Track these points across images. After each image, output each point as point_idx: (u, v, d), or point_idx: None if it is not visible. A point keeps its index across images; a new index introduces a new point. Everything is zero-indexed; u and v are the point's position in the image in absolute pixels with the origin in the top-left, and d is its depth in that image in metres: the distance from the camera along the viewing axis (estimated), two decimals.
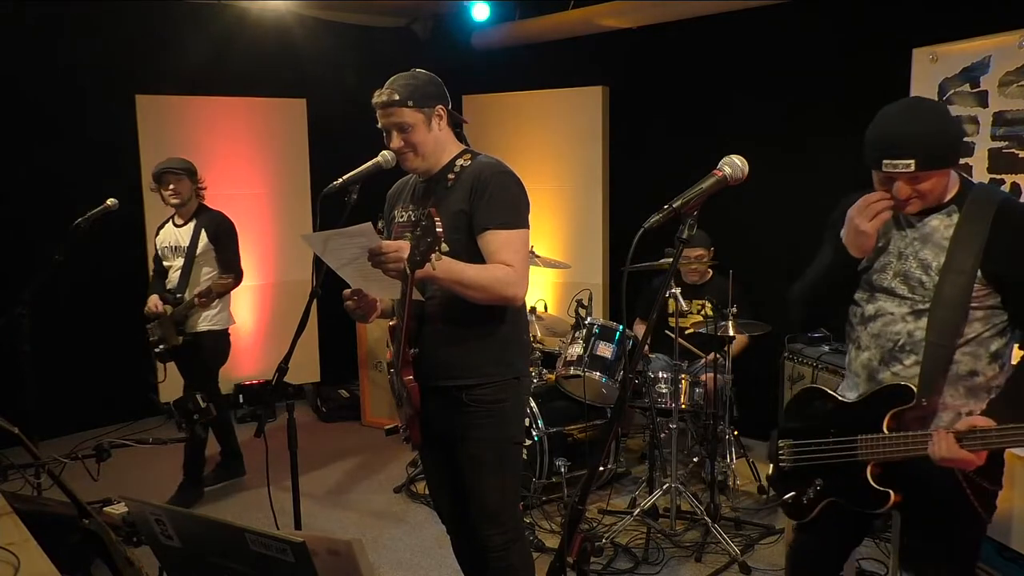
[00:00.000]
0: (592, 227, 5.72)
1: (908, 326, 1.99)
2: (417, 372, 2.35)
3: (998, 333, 1.98)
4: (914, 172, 1.86)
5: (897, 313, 2.01)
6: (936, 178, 1.90)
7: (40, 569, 1.71)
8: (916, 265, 1.98)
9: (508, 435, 2.46)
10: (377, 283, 2.27)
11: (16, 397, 3.78)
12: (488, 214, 2.28)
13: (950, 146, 1.90)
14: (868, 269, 2.07)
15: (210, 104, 5.67)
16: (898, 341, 2.01)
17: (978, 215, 1.92)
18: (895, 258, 2.02)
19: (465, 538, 2.62)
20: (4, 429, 2.21)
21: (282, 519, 2.55)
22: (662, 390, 4.04)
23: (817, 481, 2.12)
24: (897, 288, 2.01)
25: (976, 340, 1.96)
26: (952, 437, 1.86)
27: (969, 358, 1.97)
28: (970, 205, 1.94)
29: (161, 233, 4.31)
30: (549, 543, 3.64)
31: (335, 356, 6.12)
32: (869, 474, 2.00)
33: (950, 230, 1.94)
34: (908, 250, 2.00)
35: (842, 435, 2.07)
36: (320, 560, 1.22)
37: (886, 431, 1.99)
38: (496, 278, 2.26)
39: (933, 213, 1.97)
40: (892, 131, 1.88)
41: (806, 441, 2.16)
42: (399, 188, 2.60)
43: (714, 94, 5.09)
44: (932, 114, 1.92)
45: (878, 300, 2.06)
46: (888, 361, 2.03)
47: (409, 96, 2.30)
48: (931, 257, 1.96)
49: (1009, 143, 3.11)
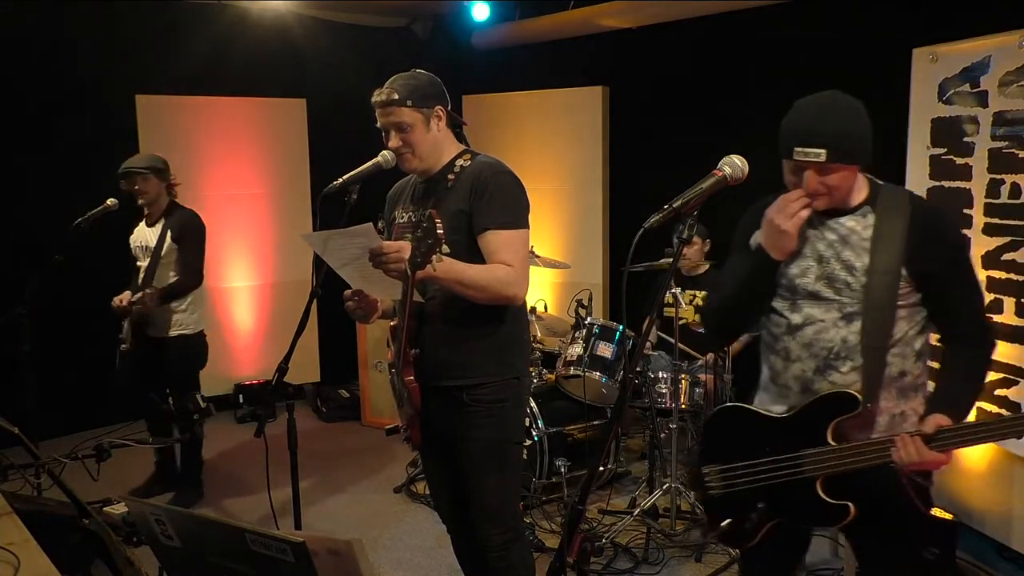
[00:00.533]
0: (592, 227, 5.72)
1: (841, 332, 1.95)
2: (418, 372, 2.35)
3: (920, 331, 1.98)
4: (824, 163, 1.85)
5: (828, 320, 1.96)
6: (844, 173, 1.88)
7: (40, 569, 1.71)
8: (840, 267, 1.95)
9: (508, 435, 2.46)
10: (378, 284, 2.27)
11: (16, 397, 3.79)
12: (488, 214, 2.28)
13: (860, 143, 1.89)
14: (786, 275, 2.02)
15: (210, 104, 5.67)
16: (832, 348, 1.96)
17: (894, 215, 1.92)
18: (815, 261, 1.98)
19: (465, 538, 2.62)
20: (4, 429, 2.21)
21: (282, 519, 2.55)
22: (662, 390, 4.04)
23: (759, 504, 2.02)
24: (822, 291, 1.97)
25: (903, 340, 1.95)
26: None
27: (899, 359, 1.96)
28: (884, 205, 1.94)
29: (135, 232, 4.19)
30: (549, 543, 3.64)
31: (335, 356, 6.12)
32: (820, 489, 1.94)
33: (868, 231, 1.93)
34: (828, 252, 1.97)
35: (781, 452, 1.99)
36: (320, 560, 1.22)
37: (832, 442, 1.93)
38: (496, 278, 2.26)
39: (847, 215, 1.96)
40: (807, 121, 1.88)
41: (737, 464, 2.06)
42: (399, 189, 2.60)
43: (714, 94, 5.09)
44: (847, 109, 1.90)
45: (803, 308, 2.00)
46: (824, 370, 1.98)
47: (408, 96, 2.30)
48: (854, 258, 1.93)
49: (1009, 143, 3.11)
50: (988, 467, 3.31)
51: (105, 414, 5.24)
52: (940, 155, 3.39)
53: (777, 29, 4.72)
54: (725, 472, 2.09)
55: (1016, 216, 3.09)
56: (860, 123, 1.90)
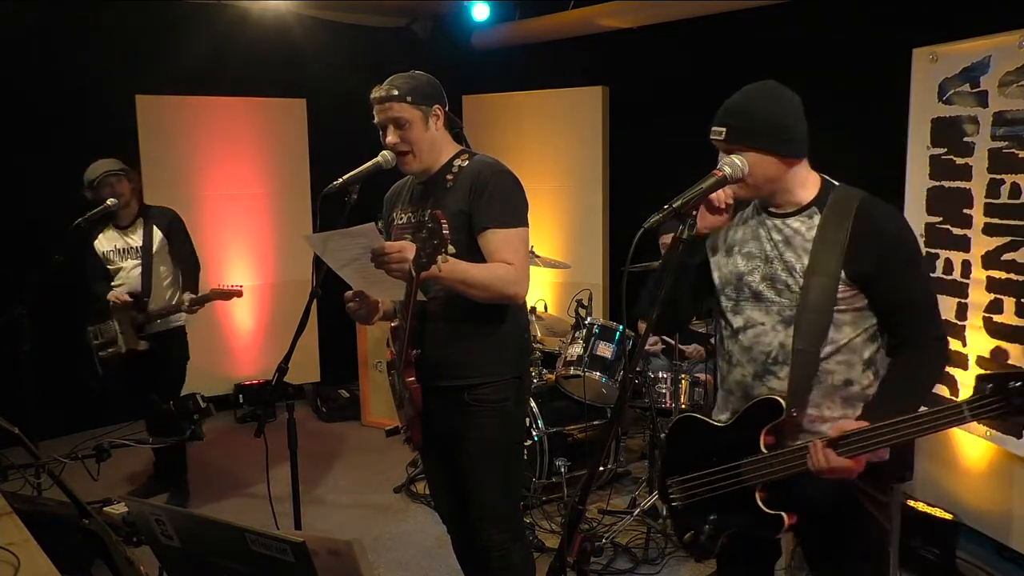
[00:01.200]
0: (592, 227, 5.72)
1: (779, 336, 1.91)
2: (419, 372, 2.35)
3: (869, 338, 1.92)
4: (724, 141, 1.87)
5: (767, 323, 1.94)
6: (752, 159, 1.85)
7: (40, 569, 1.71)
8: (781, 268, 1.92)
9: (509, 435, 2.46)
10: (379, 284, 2.27)
11: (16, 397, 3.78)
12: (488, 213, 2.29)
13: (768, 128, 1.85)
14: (735, 272, 2.00)
15: (210, 104, 5.67)
16: (770, 353, 1.93)
17: (839, 215, 1.87)
18: (762, 262, 1.96)
19: (466, 538, 2.62)
20: (4, 429, 2.21)
21: (282, 519, 2.55)
22: (662, 390, 4.04)
23: (711, 516, 1.98)
24: (765, 292, 1.94)
25: (848, 347, 1.89)
26: (827, 445, 1.77)
27: (843, 367, 1.90)
28: (831, 206, 1.89)
29: (100, 239, 4.10)
30: (549, 543, 3.64)
31: (335, 356, 6.12)
32: (758, 499, 1.89)
33: (812, 232, 1.89)
34: (773, 252, 1.94)
35: (725, 461, 1.95)
36: (320, 560, 1.22)
37: (764, 450, 1.89)
38: (498, 277, 2.26)
39: (794, 215, 1.93)
40: (725, 104, 1.93)
41: (692, 475, 2.03)
42: (397, 190, 2.60)
43: (714, 94, 5.05)
44: (768, 96, 1.90)
45: (745, 310, 1.98)
46: (762, 375, 1.95)
47: (408, 92, 2.31)
48: (794, 259, 1.90)
49: (1009, 143, 3.10)
50: (988, 467, 3.31)
51: (105, 414, 5.25)
52: (940, 155, 3.39)
53: (777, 29, 4.71)
54: (683, 483, 2.06)
55: (1016, 216, 3.09)
56: (777, 110, 1.88)
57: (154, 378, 4.13)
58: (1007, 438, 3.15)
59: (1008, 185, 3.12)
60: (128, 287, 4.04)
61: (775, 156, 1.87)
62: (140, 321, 4.00)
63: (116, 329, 4.03)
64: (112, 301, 4.00)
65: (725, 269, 2.03)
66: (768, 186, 1.91)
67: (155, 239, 4.06)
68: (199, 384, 4.76)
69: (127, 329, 4.01)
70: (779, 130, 1.88)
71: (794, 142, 1.89)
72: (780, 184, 1.91)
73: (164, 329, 4.09)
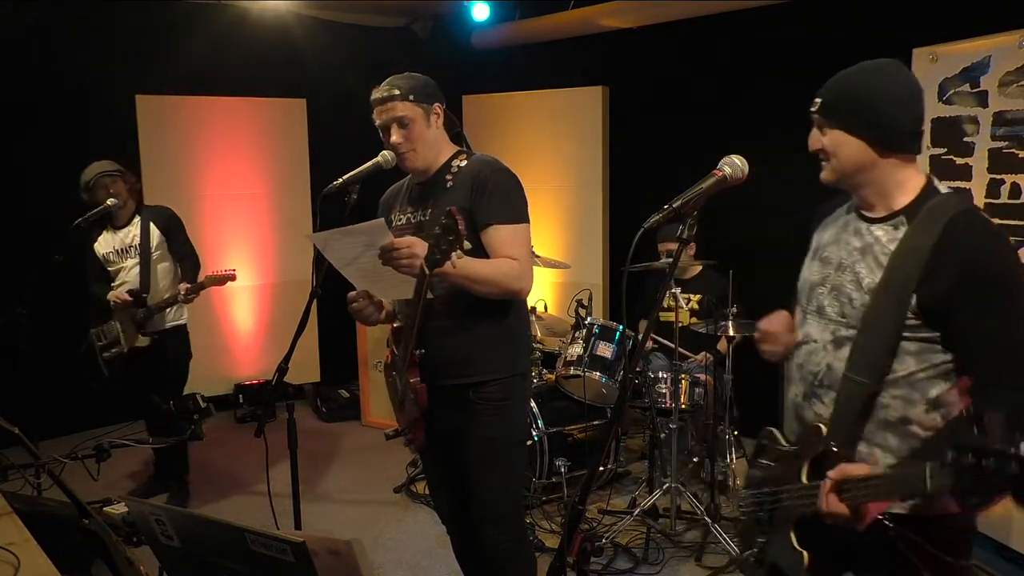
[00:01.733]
0: (592, 227, 5.72)
1: (828, 357, 1.72)
2: (423, 372, 2.35)
3: (939, 376, 1.62)
4: (817, 113, 1.71)
5: (820, 341, 1.75)
6: (841, 139, 1.67)
7: (40, 569, 1.71)
8: (850, 279, 1.70)
9: (513, 434, 2.47)
10: (384, 283, 2.26)
11: (16, 397, 3.78)
12: (491, 210, 2.29)
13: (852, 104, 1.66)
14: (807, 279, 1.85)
15: (210, 104, 5.67)
16: (817, 374, 1.74)
17: (926, 229, 1.60)
18: (834, 269, 1.75)
19: (465, 538, 2.62)
20: (4, 429, 2.21)
21: (282, 519, 2.55)
22: (662, 390, 4.04)
23: (759, 539, 1.84)
24: (827, 305, 1.74)
25: (908, 380, 1.63)
26: (832, 489, 1.56)
27: (900, 402, 1.64)
28: (922, 217, 1.63)
29: (100, 242, 4.10)
30: (549, 543, 3.64)
31: (335, 356, 6.12)
32: (792, 529, 1.71)
33: (893, 244, 1.65)
34: (847, 260, 1.73)
35: (776, 484, 1.81)
36: (320, 560, 1.22)
37: (804, 480, 1.70)
38: (503, 272, 2.28)
39: (880, 222, 1.70)
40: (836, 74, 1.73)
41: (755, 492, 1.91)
42: (393, 193, 2.59)
43: (714, 94, 5.09)
44: (868, 74, 1.68)
45: (807, 323, 1.81)
46: (809, 397, 1.76)
47: (410, 91, 2.32)
48: (866, 272, 1.68)
49: (1009, 143, 3.11)
50: None
51: (105, 414, 5.24)
52: (940, 155, 3.39)
53: (777, 29, 4.72)
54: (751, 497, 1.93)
55: (1016, 216, 3.09)
56: (873, 90, 1.66)
57: (156, 377, 4.13)
58: None
59: (1008, 185, 3.12)
60: (128, 286, 4.05)
61: (862, 140, 1.66)
62: (141, 318, 3.99)
63: (118, 329, 4.04)
64: (112, 301, 4.01)
65: (804, 273, 1.87)
66: (855, 175, 1.69)
67: (153, 237, 4.08)
68: (199, 384, 4.76)
69: (128, 327, 4.01)
70: (867, 111, 1.65)
71: (885, 129, 1.65)
72: (869, 176, 1.69)
73: (166, 327, 4.10)
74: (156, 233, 4.09)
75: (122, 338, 4.03)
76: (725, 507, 3.98)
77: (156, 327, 4.07)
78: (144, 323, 4.02)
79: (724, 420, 4.10)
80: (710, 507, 3.74)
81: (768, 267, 4.77)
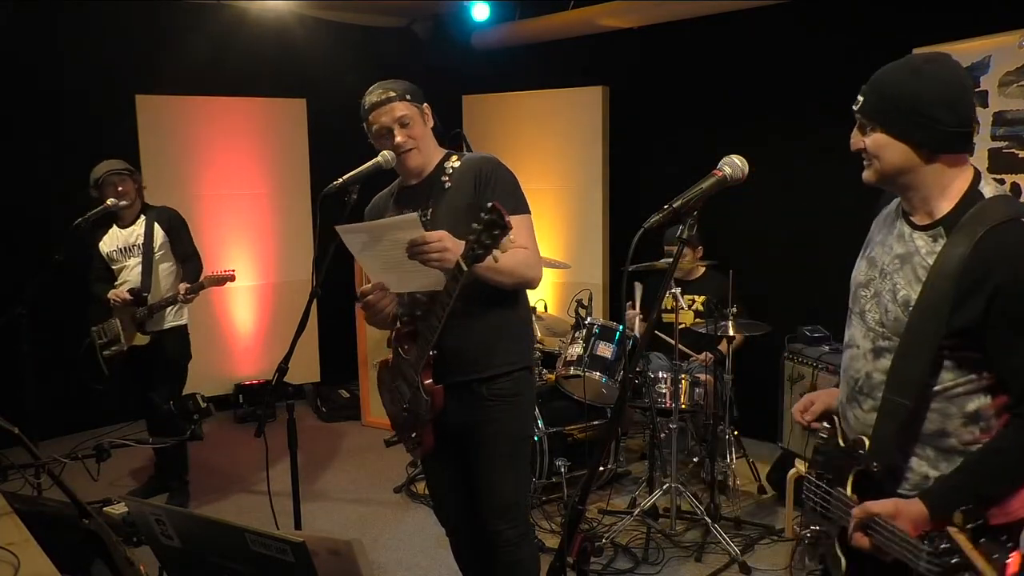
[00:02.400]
0: (592, 227, 5.72)
1: (867, 366, 1.70)
2: (435, 370, 2.34)
3: (978, 390, 1.58)
4: (860, 113, 1.63)
5: (862, 348, 1.72)
6: (882, 141, 1.59)
7: (40, 569, 1.71)
8: (888, 289, 1.65)
9: (522, 429, 2.50)
10: (406, 275, 2.23)
11: (16, 397, 3.79)
12: (500, 201, 2.29)
13: (894, 104, 1.57)
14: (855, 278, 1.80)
15: (210, 104, 5.67)
16: (858, 380, 1.72)
17: (964, 241, 1.51)
18: (878, 274, 1.70)
19: (469, 537, 2.62)
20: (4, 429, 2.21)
21: (282, 519, 2.55)
22: (662, 390, 4.04)
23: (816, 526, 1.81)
24: (869, 311, 1.70)
25: (945, 395, 1.59)
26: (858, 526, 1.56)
27: (936, 415, 1.61)
28: (961, 227, 1.54)
29: (105, 239, 4.11)
30: (549, 543, 3.64)
31: (335, 356, 6.12)
32: (836, 535, 1.72)
33: (932, 257, 1.57)
34: (890, 267, 1.67)
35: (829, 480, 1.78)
36: (320, 560, 1.22)
37: (849, 489, 1.68)
38: (520, 261, 2.29)
39: (924, 229, 1.62)
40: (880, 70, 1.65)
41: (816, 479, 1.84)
42: (378, 203, 2.56)
43: (714, 94, 5.09)
44: (912, 70, 1.58)
45: (852, 325, 1.77)
46: (852, 401, 1.75)
47: (404, 92, 2.34)
48: (903, 285, 1.62)
49: (1009, 143, 3.11)
50: None
51: (105, 414, 5.25)
52: None
53: (777, 29, 4.72)
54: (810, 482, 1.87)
55: None
56: (916, 88, 1.56)
57: (155, 376, 4.13)
58: None
59: (1008, 185, 3.12)
60: (130, 285, 4.05)
61: (906, 144, 1.57)
62: (141, 316, 4.00)
63: (118, 327, 4.04)
64: (112, 300, 4.01)
65: (855, 271, 1.80)
66: (898, 177, 1.61)
67: (156, 237, 4.08)
68: (199, 384, 4.77)
69: (128, 325, 4.02)
70: (912, 113, 1.56)
71: (930, 131, 1.55)
72: (912, 179, 1.61)
73: (165, 327, 4.10)
74: (160, 233, 4.10)
75: (122, 336, 4.03)
76: (725, 507, 3.98)
77: (156, 327, 4.07)
78: (144, 322, 4.02)
79: (724, 420, 4.10)
80: (710, 507, 3.74)
81: (768, 267, 4.79)
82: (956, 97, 1.56)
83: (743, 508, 4.07)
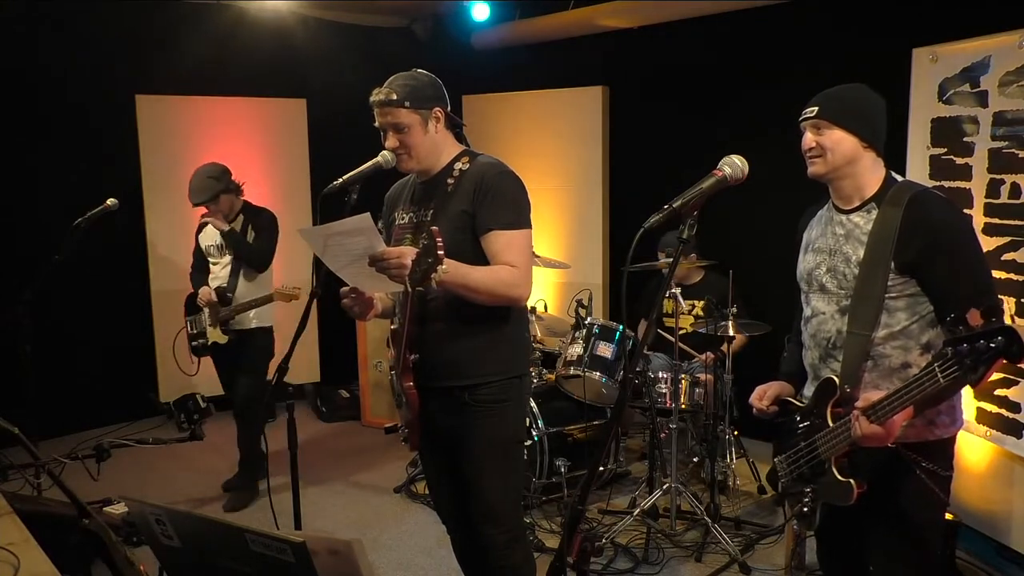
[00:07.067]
0: (592, 227, 5.72)
1: (837, 324, 2.12)
2: (419, 373, 2.34)
3: (927, 324, 2.05)
4: (815, 118, 2.07)
5: (828, 312, 2.15)
6: (838, 137, 2.05)
7: (40, 569, 1.71)
8: (841, 260, 2.12)
9: (510, 435, 2.46)
10: (371, 280, 2.25)
11: (16, 397, 3.79)
12: (491, 215, 2.28)
13: (856, 111, 2.07)
14: (805, 267, 2.23)
15: (210, 104, 5.67)
16: (830, 339, 2.14)
17: (893, 208, 2.02)
18: (827, 255, 2.17)
19: (465, 537, 2.62)
20: (4, 429, 2.21)
21: (282, 519, 2.55)
22: (662, 390, 4.04)
23: (807, 488, 2.15)
24: (828, 283, 2.15)
25: (904, 332, 2.04)
26: (861, 415, 1.92)
27: (900, 351, 2.05)
28: (888, 200, 2.05)
29: (204, 232, 4.30)
30: (549, 543, 3.64)
31: (335, 356, 6.12)
32: (834, 466, 2.06)
33: (869, 225, 2.06)
34: (836, 246, 2.14)
35: (808, 437, 2.15)
36: (320, 560, 1.23)
37: (831, 423, 2.06)
38: (500, 280, 2.26)
39: (856, 211, 2.11)
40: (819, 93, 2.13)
41: (789, 453, 2.24)
42: (398, 190, 2.60)
43: (714, 94, 5.09)
44: (856, 89, 2.12)
45: (812, 300, 2.21)
46: (825, 359, 2.16)
47: (407, 97, 2.30)
48: (852, 252, 2.08)
49: (1009, 143, 3.11)
50: (988, 467, 3.31)
51: (105, 414, 5.25)
52: (940, 155, 3.39)
53: (777, 29, 4.72)
54: (785, 461, 2.26)
55: (1016, 216, 3.09)
56: (863, 99, 2.10)
57: (234, 373, 4.25)
58: (1007, 438, 3.15)
59: (1008, 185, 3.12)
60: (219, 282, 4.19)
61: (856, 136, 2.06)
62: (224, 315, 4.12)
63: (206, 322, 4.20)
64: (199, 300, 4.16)
65: (802, 266, 2.28)
66: (844, 166, 2.08)
67: (248, 238, 4.18)
68: (199, 384, 4.77)
69: (214, 322, 4.17)
70: (862, 114, 2.09)
71: (872, 129, 2.09)
72: (853, 168, 2.09)
73: (243, 328, 4.19)
74: (252, 235, 4.19)
75: (208, 332, 4.20)
76: (725, 507, 3.98)
77: (239, 327, 4.18)
78: (227, 321, 4.13)
79: (724, 420, 4.10)
80: (710, 507, 3.74)
81: (768, 267, 4.79)
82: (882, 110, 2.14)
83: (743, 508, 4.07)
